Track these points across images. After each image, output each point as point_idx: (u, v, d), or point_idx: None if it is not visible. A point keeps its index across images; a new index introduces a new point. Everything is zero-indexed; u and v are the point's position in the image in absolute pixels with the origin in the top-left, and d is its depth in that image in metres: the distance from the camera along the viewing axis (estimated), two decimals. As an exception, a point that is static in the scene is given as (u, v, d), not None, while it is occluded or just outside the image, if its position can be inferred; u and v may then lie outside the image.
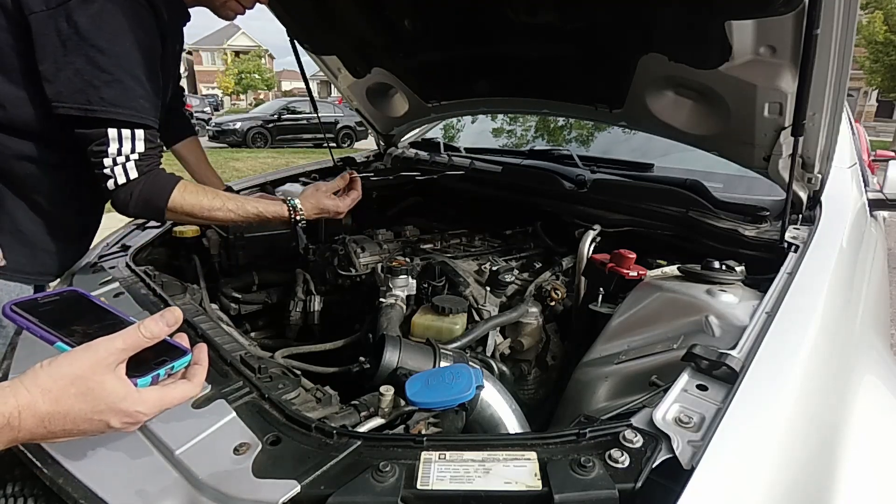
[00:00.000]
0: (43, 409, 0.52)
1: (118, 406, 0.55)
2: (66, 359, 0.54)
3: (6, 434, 0.51)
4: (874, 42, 16.08)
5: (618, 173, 1.68)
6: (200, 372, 0.63)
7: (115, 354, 0.55)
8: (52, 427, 0.53)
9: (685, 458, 0.58)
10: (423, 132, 2.68)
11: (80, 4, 0.93)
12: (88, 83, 0.95)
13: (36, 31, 0.93)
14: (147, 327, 0.57)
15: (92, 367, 0.54)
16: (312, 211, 1.26)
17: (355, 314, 1.41)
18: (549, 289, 1.31)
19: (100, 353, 0.54)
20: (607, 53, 1.42)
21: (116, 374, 0.55)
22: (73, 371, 0.53)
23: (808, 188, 1.25)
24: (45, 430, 0.53)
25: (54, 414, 0.53)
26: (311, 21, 1.80)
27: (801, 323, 0.84)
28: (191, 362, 0.63)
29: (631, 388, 0.91)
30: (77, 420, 0.54)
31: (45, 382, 0.53)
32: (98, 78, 0.96)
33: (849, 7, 0.96)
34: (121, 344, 0.56)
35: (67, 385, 0.53)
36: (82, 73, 0.95)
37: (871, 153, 3.48)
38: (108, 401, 0.54)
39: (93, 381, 0.54)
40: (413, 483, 0.57)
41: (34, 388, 0.52)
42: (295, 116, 14.22)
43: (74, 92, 0.95)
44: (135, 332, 0.57)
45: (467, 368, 0.79)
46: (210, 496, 0.58)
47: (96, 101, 0.96)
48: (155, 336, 0.58)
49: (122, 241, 1.43)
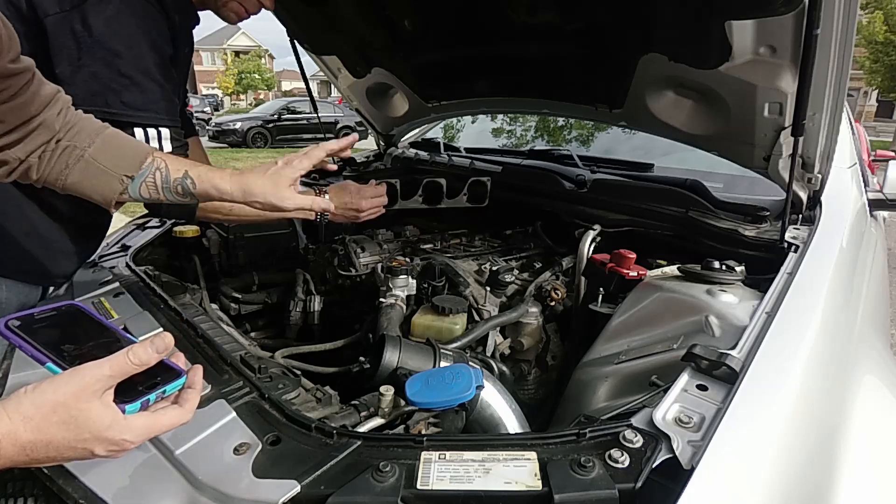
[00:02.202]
0: (24, 438, 0.51)
1: (103, 434, 0.53)
2: (51, 385, 0.52)
3: None
4: (874, 42, 16.08)
5: (618, 173, 1.68)
6: (193, 397, 0.60)
7: (102, 381, 0.53)
8: (34, 455, 0.52)
9: (685, 458, 0.58)
10: (423, 132, 2.67)
11: (95, 6, 0.93)
12: (107, 87, 0.95)
13: (51, 34, 0.93)
14: (136, 354, 0.55)
15: (76, 393, 0.52)
16: None
17: (355, 314, 1.41)
18: (549, 289, 1.31)
19: (86, 380, 0.53)
20: (607, 53, 1.42)
21: (102, 401, 0.53)
22: (57, 398, 0.52)
23: (808, 188, 1.25)
24: (27, 457, 0.51)
25: (36, 442, 0.51)
26: (311, 21, 1.80)
27: (801, 323, 0.84)
28: (184, 385, 0.60)
29: (631, 388, 0.91)
30: (60, 448, 0.52)
31: (28, 410, 0.51)
32: (116, 82, 0.96)
33: (849, 7, 0.96)
34: (108, 371, 0.54)
35: (49, 413, 0.51)
36: (99, 77, 0.95)
37: (871, 153, 3.48)
38: (93, 429, 0.53)
39: (76, 408, 0.52)
40: (413, 483, 0.57)
41: (16, 416, 0.50)
42: (295, 116, 14.23)
43: (92, 95, 0.95)
44: (123, 358, 0.55)
45: (467, 368, 0.79)
46: (210, 496, 0.58)
47: (116, 105, 0.97)
48: (144, 363, 0.56)
49: (122, 241, 1.44)
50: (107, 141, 0.83)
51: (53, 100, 0.77)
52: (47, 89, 0.77)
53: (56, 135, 0.78)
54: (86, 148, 0.80)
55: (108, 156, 0.82)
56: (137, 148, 0.87)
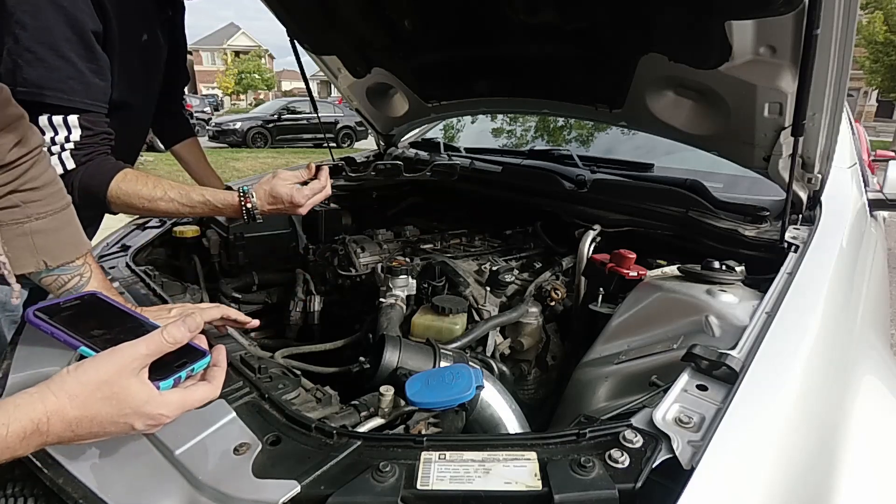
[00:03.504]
0: (71, 415, 0.54)
1: (142, 409, 0.57)
2: (92, 364, 0.56)
3: (35, 439, 0.52)
4: (874, 42, 16.09)
5: (618, 173, 1.68)
6: (220, 374, 0.65)
7: (139, 360, 0.57)
8: (79, 431, 0.55)
9: (685, 458, 0.58)
10: (423, 132, 2.68)
11: None
12: (15, 62, 0.89)
13: None
14: (170, 333, 0.59)
15: (117, 372, 0.56)
16: (266, 199, 1.12)
17: (355, 314, 1.41)
18: (549, 289, 1.31)
19: (124, 359, 0.56)
20: (607, 53, 1.42)
21: (140, 378, 0.57)
22: (99, 376, 0.55)
23: (808, 188, 1.25)
24: (72, 433, 0.55)
25: (81, 418, 0.54)
26: (311, 21, 1.80)
27: (801, 323, 0.84)
28: (210, 364, 0.64)
29: (631, 388, 0.91)
30: (104, 423, 0.56)
31: (73, 388, 0.54)
32: (21, 57, 0.89)
33: (849, 7, 0.95)
34: (144, 349, 0.57)
35: (94, 390, 0.55)
36: (11, 53, 0.88)
37: (871, 153, 3.48)
38: (133, 404, 0.56)
39: (117, 385, 0.55)
40: (413, 483, 0.57)
41: (62, 394, 0.54)
42: (295, 116, 14.22)
43: (6, 73, 0.88)
44: (158, 337, 0.59)
45: (467, 368, 0.79)
46: (210, 496, 0.58)
47: (20, 81, 0.89)
48: (178, 342, 0.60)
49: (122, 241, 1.43)
50: (55, 221, 0.81)
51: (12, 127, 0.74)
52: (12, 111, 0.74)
53: (12, 181, 0.75)
54: (31, 219, 0.78)
55: (45, 238, 0.80)
56: (77, 244, 0.85)
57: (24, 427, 0.51)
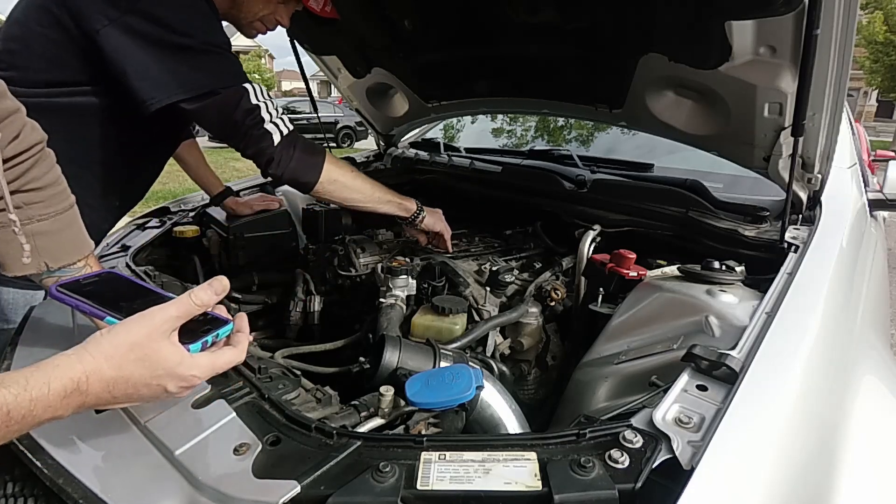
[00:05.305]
0: (108, 375, 0.54)
1: (175, 371, 0.57)
2: (124, 327, 0.57)
3: (75, 399, 0.53)
4: (874, 42, 16.10)
5: (618, 173, 1.68)
6: (244, 339, 0.66)
7: (170, 322, 0.58)
8: (115, 392, 0.55)
9: (685, 458, 0.58)
10: (423, 132, 2.68)
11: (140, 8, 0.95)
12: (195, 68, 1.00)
13: (107, 46, 0.94)
14: (198, 295, 0.60)
15: (148, 334, 0.56)
16: (429, 220, 1.41)
17: (355, 314, 1.41)
18: (549, 289, 1.31)
19: (155, 322, 0.57)
20: (607, 53, 1.42)
21: (171, 340, 0.58)
22: (132, 338, 0.56)
23: (808, 188, 1.25)
24: (109, 394, 0.55)
25: (118, 379, 0.55)
26: (311, 21, 1.80)
27: (801, 323, 0.84)
28: (233, 330, 0.66)
29: (631, 389, 0.91)
30: (138, 385, 0.56)
31: (108, 349, 0.55)
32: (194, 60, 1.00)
33: (849, 7, 0.96)
34: (174, 311, 0.58)
35: (127, 351, 0.55)
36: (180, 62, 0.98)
37: (871, 153, 3.48)
38: (166, 366, 0.57)
39: (150, 347, 0.56)
40: (413, 483, 0.57)
41: (98, 355, 0.54)
42: (295, 116, 14.16)
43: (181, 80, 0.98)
44: (187, 300, 0.60)
45: (467, 369, 0.79)
46: (210, 496, 0.58)
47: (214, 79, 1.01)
48: (205, 304, 0.61)
49: (122, 241, 1.43)
50: (57, 223, 0.80)
51: None
52: None
53: (14, 181, 0.74)
54: (34, 221, 0.77)
55: (47, 239, 0.79)
56: (79, 245, 0.84)
57: (64, 386, 0.51)
